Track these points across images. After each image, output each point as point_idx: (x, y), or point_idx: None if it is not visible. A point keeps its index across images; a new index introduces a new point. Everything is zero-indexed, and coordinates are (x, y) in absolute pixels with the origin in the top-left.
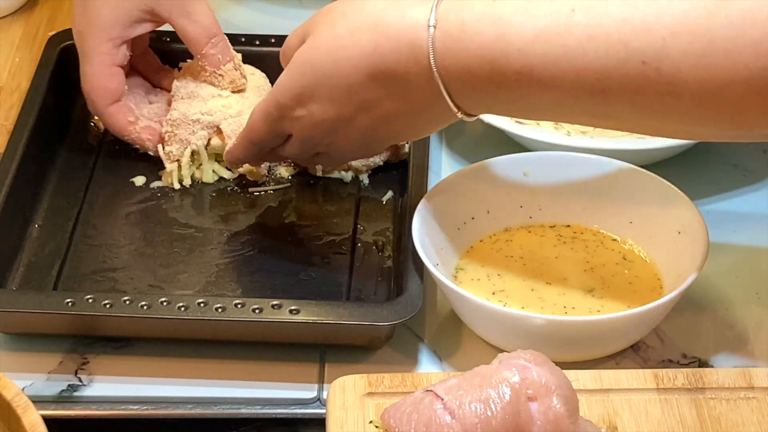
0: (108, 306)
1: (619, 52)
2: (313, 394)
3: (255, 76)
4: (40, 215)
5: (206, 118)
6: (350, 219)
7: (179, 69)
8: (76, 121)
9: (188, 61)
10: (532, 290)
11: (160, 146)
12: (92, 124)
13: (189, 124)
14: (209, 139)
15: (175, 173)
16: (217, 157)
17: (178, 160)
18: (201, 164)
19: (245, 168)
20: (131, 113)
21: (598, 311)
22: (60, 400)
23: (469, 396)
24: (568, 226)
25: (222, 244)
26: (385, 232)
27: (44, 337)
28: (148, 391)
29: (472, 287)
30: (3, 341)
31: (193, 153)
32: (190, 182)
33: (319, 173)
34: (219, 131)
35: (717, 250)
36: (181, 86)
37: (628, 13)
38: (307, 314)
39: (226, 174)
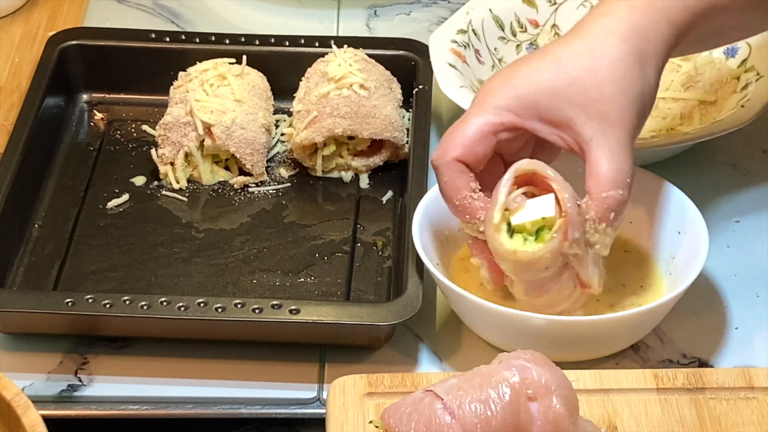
0: (108, 306)
1: None
2: (313, 394)
3: (251, 75)
4: (40, 215)
5: (195, 120)
6: (350, 219)
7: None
8: (76, 122)
9: (188, 69)
10: None
11: (153, 150)
12: (92, 124)
13: (180, 126)
14: (202, 141)
15: (171, 175)
16: (214, 158)
17: (172, 162)
18: (197, 165)
19: (240, 179)
20: (474, 181)
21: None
22: (60, 400)
23: (469, 396)
24: None
25: (222, 243)
26: (385, 232)
27: (44, 337)
28: (148, 391)
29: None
30: (3, 341)
31: (187, 155)
32: (186, 183)
33: (319, 173)
34: (210, 132)
35: (717, 250)
36: (176, 93)
37: None
38: (307, 314)
39: (225, 175)
